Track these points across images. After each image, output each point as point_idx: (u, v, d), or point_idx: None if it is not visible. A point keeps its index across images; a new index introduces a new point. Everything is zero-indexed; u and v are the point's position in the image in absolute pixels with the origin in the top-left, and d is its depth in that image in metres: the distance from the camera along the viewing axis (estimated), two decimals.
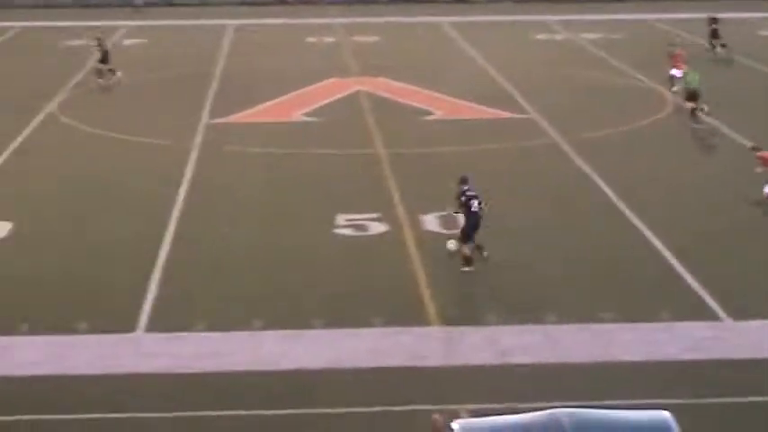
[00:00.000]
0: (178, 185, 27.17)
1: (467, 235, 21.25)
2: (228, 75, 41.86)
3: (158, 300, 20.04)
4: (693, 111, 32.58)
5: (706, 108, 32.51)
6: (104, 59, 40.21)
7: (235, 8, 61.56)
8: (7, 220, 24.44)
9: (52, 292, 20.47)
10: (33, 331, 18.55)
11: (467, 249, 21.21)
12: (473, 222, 21.18)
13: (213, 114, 35.16)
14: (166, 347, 17.98)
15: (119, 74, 40.10)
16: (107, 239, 23.28)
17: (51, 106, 36.10)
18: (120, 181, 27.76)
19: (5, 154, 30.34)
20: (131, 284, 20.74)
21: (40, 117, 34.61)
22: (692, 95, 32.79)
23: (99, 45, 40.69)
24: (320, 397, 16.29)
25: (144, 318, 19.18)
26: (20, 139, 31.96)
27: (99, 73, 40.19)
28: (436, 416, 12.98)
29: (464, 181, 21.58)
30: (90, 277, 21.22)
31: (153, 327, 18.82)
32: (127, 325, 18.81)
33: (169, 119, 34.54)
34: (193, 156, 30.02)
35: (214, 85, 39.82)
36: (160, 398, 16.33)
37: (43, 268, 21.74)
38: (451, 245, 21.40)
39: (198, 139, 32.00)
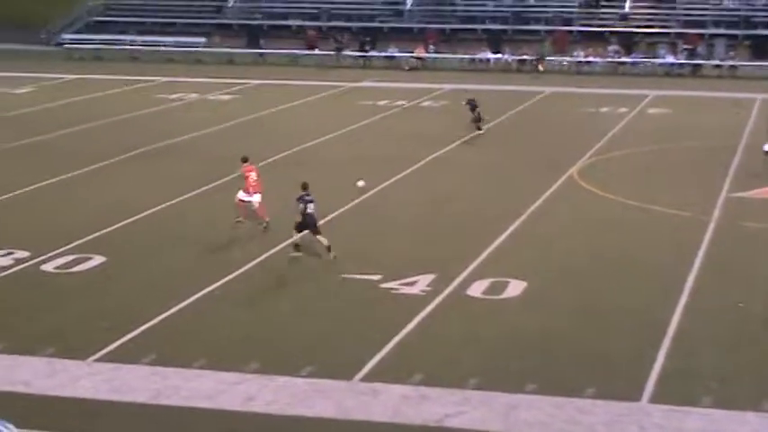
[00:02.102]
0: (693, 257, 26.82)
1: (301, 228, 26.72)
2: (753, 148, 40.92)
3: (665, 371, 19.79)
4: None
5: None
6: (477, 118, 43.45)
7: (764, 82, 60.33)
8: (523, 279, 25.03)
9: (559, 354, 20.71)
10: (540, 391, 18.84)
11: (323, 240, 26.65)
12: (307, 222, 26.52)
13: (734, 188, 34.47)
14: (670, 420, 17.69)
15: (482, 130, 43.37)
16: (616, 306, 23.30)
17: (571, 170, 36.78)
18: (633, 248, 27.77)
19: (525, 214, 31.16)
20: (638, 353, 20.61)
21: (559, 181, 35.33)
22: None
23: (468, 104, 43.89)
24: None
25: (649, 388, 19.00)
26: (539, 201, 32.74)
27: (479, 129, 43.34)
28: None
29: (304, 187, 26.93)
30: (597, 342, 21.29)
31: (658, 398, 18.59)
32: (632, 394, 18.71)
33: (688, 190, 34.18)
34: (711, 228, 29.53)
35: (737, 158, 39.09)
36: None
37: (552, 329, 22.06)
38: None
39: (717, 211, 31.47)
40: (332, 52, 70.72)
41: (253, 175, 29.69)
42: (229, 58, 71.98)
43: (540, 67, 66.68)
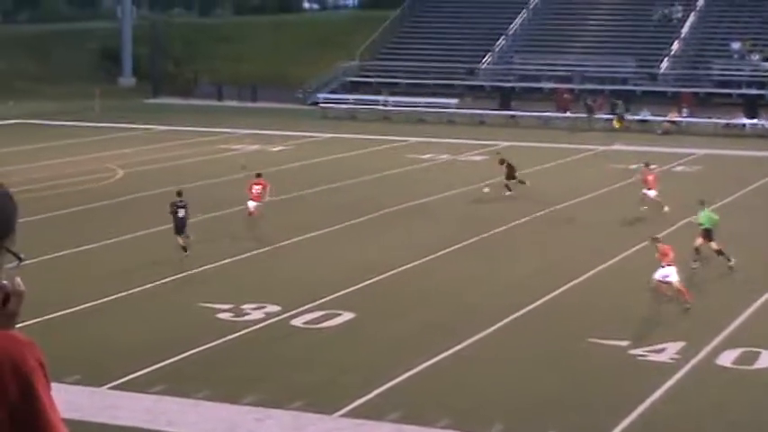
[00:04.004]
0: None
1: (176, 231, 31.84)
2: None
3: None
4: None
5: None
6: (510, 175, 43.60)
7: None
8: None
9: None
10: None
11: (180, 241, 31.65)
12: (178, 224, 31.69)
13: None
14: None
15: (527, 182, 43.93)
16: None
17: None
18: None
19: None
20: None
21: None
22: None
23: (502, 162, 44.07)
24: None
25: None
26: None
27: (507, 187, 43.42)
28: None
29: (179, 194, 32.51)
30: None
31: None
32: None
33: None
34: None
35: None
36: None
37: None
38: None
39: None
40: (583, 115, 70.39)
41: (257, 188, 36.99)
42: (481, 119, 72.45)
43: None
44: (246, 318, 26.60)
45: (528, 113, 72.04)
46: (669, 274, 27.29)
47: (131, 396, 21.28)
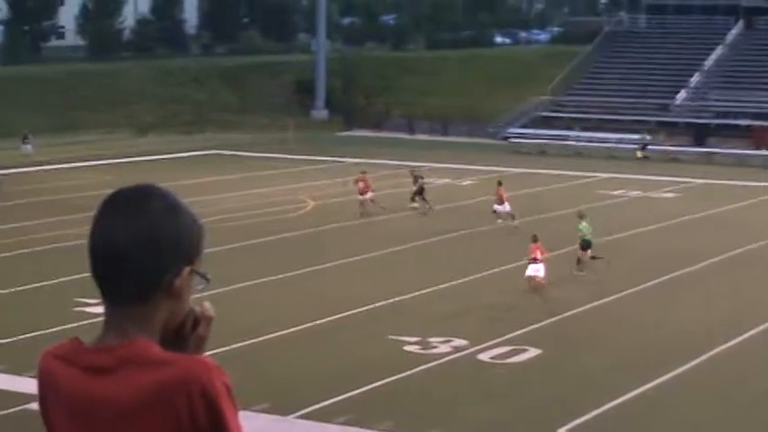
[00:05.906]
0: None
1: None
2: None
3: None
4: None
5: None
6: (420, 192, 47.76)
7: None
8: None
9: None
10: None
11: None
12: None
13: None
14: None
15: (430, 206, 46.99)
16: None
17: None
18: None
19: None
20: None
21: None
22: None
23: (415, 180, 48.29)
24: None
25: None
26: None
27: (412, 201, 47.98)
28: None
29: None
30: None
31: None
32: None
33: None
34: None
35: None
36: None
37: None
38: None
39: None
40: None
41: (361, 184, 46.76)
42: (674, 156, 71.21)
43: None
44: (433, 351, 26.61)
45: (723, 150, 70.52)
46: (539, 269, 32.43)
47: (317, 426, 21.47)
